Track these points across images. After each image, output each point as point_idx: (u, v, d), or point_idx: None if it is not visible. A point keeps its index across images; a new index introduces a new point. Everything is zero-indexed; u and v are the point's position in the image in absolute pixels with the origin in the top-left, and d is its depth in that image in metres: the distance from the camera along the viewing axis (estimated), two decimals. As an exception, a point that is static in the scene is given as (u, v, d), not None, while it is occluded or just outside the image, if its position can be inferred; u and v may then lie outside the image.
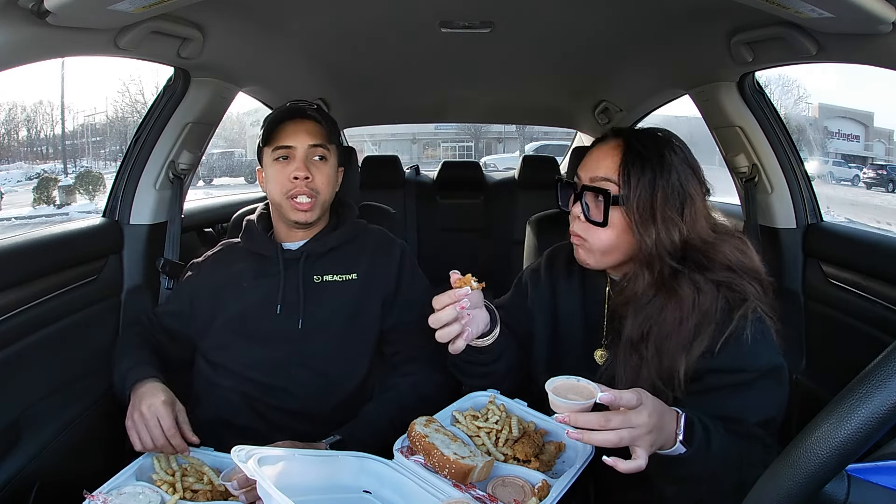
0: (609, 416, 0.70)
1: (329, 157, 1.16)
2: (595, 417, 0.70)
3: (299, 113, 1.15)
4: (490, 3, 1.28)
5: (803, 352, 1.46)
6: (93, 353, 1.34)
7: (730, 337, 0.84)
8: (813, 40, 1.03)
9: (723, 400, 0.84)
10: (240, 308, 1.14)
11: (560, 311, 1.06)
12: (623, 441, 0.70)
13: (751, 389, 0.84)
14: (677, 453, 0.75)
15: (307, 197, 1.11)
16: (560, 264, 1.10)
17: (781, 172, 1.48)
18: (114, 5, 0.87)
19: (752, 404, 0.84)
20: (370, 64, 1.78)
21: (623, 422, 0.70)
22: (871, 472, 0.48)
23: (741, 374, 0.84)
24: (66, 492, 0.91)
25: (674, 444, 0.74)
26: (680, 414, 0.76)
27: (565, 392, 0.75)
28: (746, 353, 0.84)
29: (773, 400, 0.86)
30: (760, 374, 0.84)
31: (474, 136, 20.38)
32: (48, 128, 17.70)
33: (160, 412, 0.94)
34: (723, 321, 0.85)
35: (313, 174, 1.12)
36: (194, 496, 0.86)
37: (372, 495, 0.83)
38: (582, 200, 0.92)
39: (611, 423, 0.69)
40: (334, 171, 1.18)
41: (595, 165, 0.92)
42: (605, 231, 0.90)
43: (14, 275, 1.12)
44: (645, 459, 0.70)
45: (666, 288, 0.88)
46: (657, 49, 1.47)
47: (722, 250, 0.88)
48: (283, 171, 1.12)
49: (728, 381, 0.85)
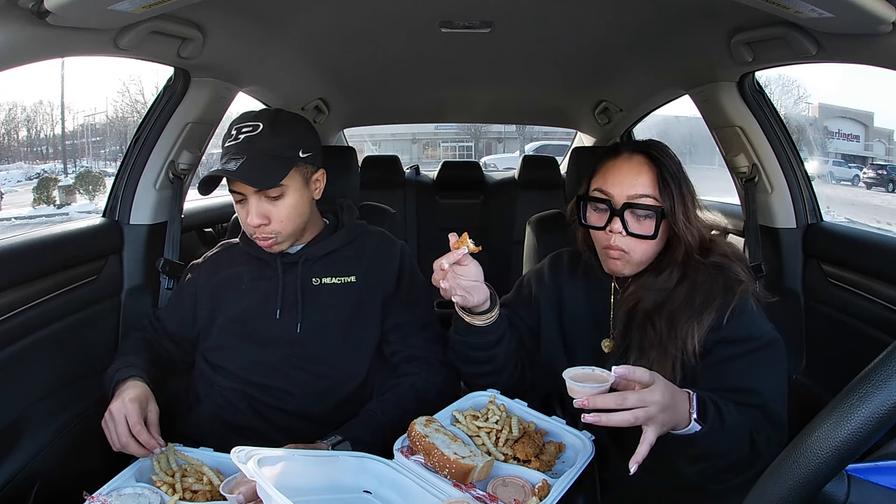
0: (625, 395, 0.73)
1: (286, 190, 1.05)
2: (612, 397, 0.74)
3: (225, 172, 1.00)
4: (490, 3, 1.27)
5: (803, 352, 1.47)
6: (93, 353, 1.34)
7: (734, 308, 0.91)
8: (813, 40, 1.03)
9: (736, 370, 0.90)
10: (239, 310, 1.14)
11: (566, 306, 1.10)
12: (638, 420, 0.72)
13: (760, 359, 0.90)
14: (693, 432, 0.78)
15: (268, 241, 1.08)
16: (563, 264, 1.15)
17: (781, 172, 1.48)
18: (114, 5, 0.87)
19: (764, 374, 0.90)
20: (370, 64, 1.78)
21: (638, 400, 0.73)
22: (871, 472, 0.48)
23: (749, 343, 0.91)
24: (66, 492, 0.91)
25: (688, 424, 0.78)
26: (691, 394, 0.80)
27: (582, 380, 0.78)
28: (751, 324, 0.92)
29: (780, 372, 0.92)
30: (767, 342, 0.91)
31: (474, 136, 20.38)
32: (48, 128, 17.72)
33: (127, 408, 0.93)
34: (725, 297, 0.92)
35: (270, 216, 1.05)
36: (194, 496, 0.85)
37: (372, 495, 0.83)
38: (622, 217, 0.95)
39: (627, 401, 0.73)
40: (297, 199, 1.07)
41: (631, 182, 0.96)
42: (650, 243, 0.96)
43: (14, 275, 1.12)
44: (653, 438, 0.73)
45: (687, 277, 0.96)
46: (657, 49, 1.47)
47: (718, 241, 1.00)
48: (242, 210, 1.07)
49: (738, 350, 0.91)
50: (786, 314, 1.47)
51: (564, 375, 0.79)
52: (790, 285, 1.49)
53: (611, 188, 0.97)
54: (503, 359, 1.04)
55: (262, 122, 1.05)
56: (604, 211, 0.98)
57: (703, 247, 0.98)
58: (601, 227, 0.98)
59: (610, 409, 0.73)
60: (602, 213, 0.98)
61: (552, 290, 1.12)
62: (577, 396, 0.76)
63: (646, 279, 0.99)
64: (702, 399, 0.80)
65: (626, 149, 1.00)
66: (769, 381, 0.90)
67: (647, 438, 0.73)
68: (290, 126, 1.09)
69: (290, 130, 1.08)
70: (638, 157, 0.98)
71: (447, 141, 20.67)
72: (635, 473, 0.73)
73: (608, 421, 0.73)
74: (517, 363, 1.08)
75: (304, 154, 1.07)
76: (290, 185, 1.05)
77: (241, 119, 1.08)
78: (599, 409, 0.73)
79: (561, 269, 1.14)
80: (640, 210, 0.95)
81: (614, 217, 0.96)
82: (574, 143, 3.05)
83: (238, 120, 1.08)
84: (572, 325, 1.08)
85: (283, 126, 1.07)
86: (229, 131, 1.07)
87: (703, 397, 0.81)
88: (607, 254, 0.99)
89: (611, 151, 1.02)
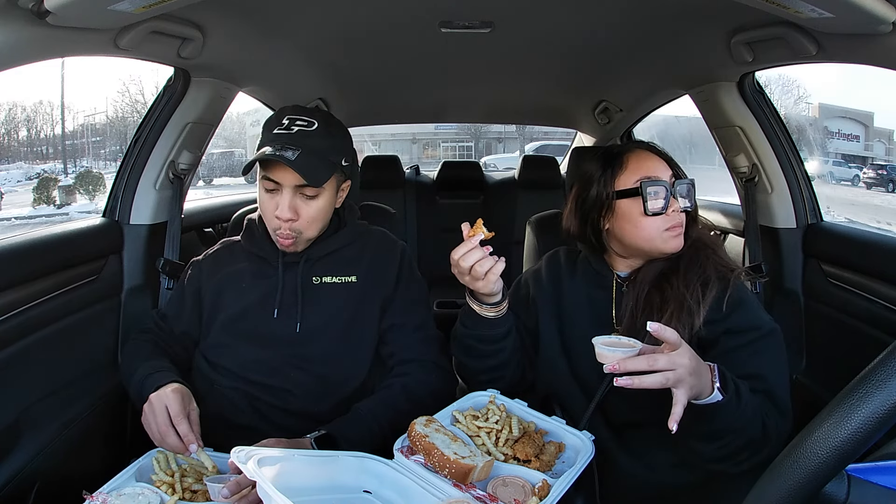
0: (655, 357, 0.75)
1: (322, 192, 1.07)
2: (642, 360, 0.75)
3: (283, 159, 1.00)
4: (490, 3, 1.27)
5: (803, 352, 1.46)
6: (93, 353, 1.35)
7: (731, 297, 0.94)
8: (813, 40, 1.03)
9: (743, 359, 0.92)
10: (239, 308, 1.14)
11: (564, 306, 1.10)
12: (668, 381, 0.74)
13: (764, 347, 0.94)
14: (714, 401, 0.80)
15: (289, 238, 1.08)
16: (561, 264, 1.15)
17: (781, 172, 1.48)
18: (114, 5, 0.87)
19: (770, 360, 0.93)
20: (370, 64, 1.78)
21: (668, 362, 0.74)
22: (871, 472, 0.48)
23: (752, 333, 0.94)
24: (66, 492, 0.91)
25: (711, 392, 0.79)
26: (712, 365, 0.82)
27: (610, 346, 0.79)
28: (751, 314, 0.96)
29: (783, 359, 0.95)
30: (769, 331, 0.95)
31: (474, 136, 20.39)
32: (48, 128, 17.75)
33: (168, 398, 0.93)
34: (721, 285, 0.96)
35: (300, 212, 1.06)
36: (193, 496, 0.85)
37: (372, 495, 0.83)
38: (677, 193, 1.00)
39: (658, 363, 0.74)
40: (327, 203, 1.09)
41: (663, 167, 1.02)
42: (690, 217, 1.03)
43: (14, 275, 1.12)
44: (685, 400, 0.75)
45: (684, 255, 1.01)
46: (657, 49, 1.47)
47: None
48: (270, 202, 1.06)
49: (742, 340, 0.94)
50: (786, 314, 1.47)
51: (594, 342, 0.80)
52: (790, 285, 1.49)
53: (655, 173, 1.00)
54: (510, 352, 1.05)
55: (317, 121, 1.07)
56: (658, 196, 0.99)
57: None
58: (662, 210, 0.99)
59: (641, 372, 0.74)
60: (657, 198, 0.99)
61: (550, 290, 1.12)
62: (608, 362, 0.77)
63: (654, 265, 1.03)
64: (722, 370, 0.82)
65: (631, 145, 1.06)
66: (773, 368, 0.93)
67: (680, 400, 0.74)
68: (340, 132, 1.12)
69: (339, 136, 1.12)
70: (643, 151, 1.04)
71: (447, 141, 20.69)
72: (637, 472, 0.73)
73: (640, 383, 0.74)
74: (520, 361, 1.08)
75: (345, 163, 1.11)
76: (327, 189, 1.08)
77: (294, 111, 1.09)
78: (631, 371, 0.75)
79: (558, 268, 1.14)
80: (684, 185, 1.01)
81: (670, 197, 0.99)
82: (574, 143, 3.05)
83: (291, 111, 1.09)
84: (571, 324, 1.08)
85: (335, 130, 1.11)
86: (279, 120, 1.07)
87: (723, 369, 0.83)
88: (670, 235, 0.99)
89: (619, 149, 1.06)
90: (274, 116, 1.09)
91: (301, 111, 1.09)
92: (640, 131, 2.45)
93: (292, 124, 1.06)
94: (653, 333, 0.77)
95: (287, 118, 1.07)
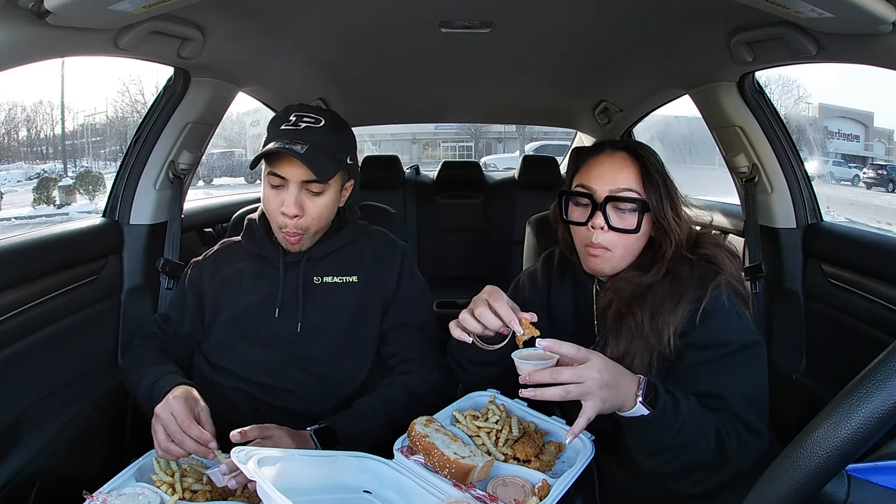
0: (560, 369, 0.76)
1: (327, 189, 1.07)
2: (546, 373, 0.76)
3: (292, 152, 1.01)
4: (490, 3, 1.27)
5: (803, 352, 1.46)
6: (93, 353, 1.35)
7: (706, 308, 0.89)
8: (813, 40, 1.03)
9: (703, 376, 0.88)
10: (240, 308, 1.14)
11: (553, 309, 1.09)
12: (570, 394, 0.75)
13: (729, 365, 0.88)
14: (638, 414, 0.79)
15: (295, 235, 1.09)
16: (555, 265, 1.14)
17: (781, 172, 1.48)
18: (114, 5, 0.87)
19: (732, 380, 0.87)
20: (370, 64, 1.78)
21: (573, 375, 0.75)
22: (871, 472, 0.48)
23: (717, 349, 0.88)
24: (66, 492, 0.91)
25: (633, 405, 0.78)
26: (641, 378, 0.80)
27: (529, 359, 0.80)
28: (721, 329, 0.89)
29: (753, 377, 0.89)
30: (740, 347, 0.88)
31: (474, 136, 20.39)
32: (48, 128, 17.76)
33: (172, 406, 0.91)
34: (698, 290, 0.90)
35: (305, 209, 1.06)
36: (193, 496, 0.85)
37: (372, 495, 0.83)
38: (605, 211, 0.94)
39: (561, 376, 0.75)
40: (332, 200, 1.10)
41: (613, 177, 0.95)
42: (633, 238, 0.95)
43: (14, 275, 1.12)
44: (592, 413, 0.75)
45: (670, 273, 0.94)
46: (657, 49, 1.47)
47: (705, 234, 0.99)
48: (276, 198, 1.06)
49: (706, 357, 0.89)
50: (786, 314, 1.47)
51: (513, 356, 0.81)
52: (790, 285, 1.49)
53: (593, 183, 0.96)
54: (501, 370, 1.01)
55: (324, 119, 1.08)
56: (585, 206, 0.96)
57: (690, 241, 0.97)
58: (583, 222, 0.96)
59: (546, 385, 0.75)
60: (584, 208, 0.97)
61: (542, 291, 1.11)
62: (521, 374, 0.78)
63: (624, 273, 0.97)
64: (652, 384, 0.80)
65: (608, 146, 1.00)
66: (737, 386, 0.87)
67: (585, 413, 0.75)
68: (345, 131, 1.13)
69: (345, 135, 1.13)
70: (621, 153, 0.97)
71: (447, 141, 20.69)
72: (631, 480, 0.72)
73: (542, 395, 0.75)
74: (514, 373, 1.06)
75: (350, 162, 1.13)
76: (332, 186, 1.09)
77: (301, 108, 1.10)
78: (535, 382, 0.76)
79: (551, 269, 1.13)
80: (624, 203, 0.94)
81: (596, 212, 0.94)
82: (574, 143, 3.05)
83: (297, 108, 1.10)
84: (560, 328, 1.06)
85: (341, 129, 1.12)
86: (286, 116, 1.08)
87: (656, 383, 0.81)
88: (587, 251, 0.97)
89: (594, 149, 1.02)
90: (281, 113, 1.10)
91: (308, 109, 1.10)
92: (640, 131, 2.45)
93: (300, 121, 1.07)
94: (545, 349, 0.78)
95: (294, 115, 1.08)
